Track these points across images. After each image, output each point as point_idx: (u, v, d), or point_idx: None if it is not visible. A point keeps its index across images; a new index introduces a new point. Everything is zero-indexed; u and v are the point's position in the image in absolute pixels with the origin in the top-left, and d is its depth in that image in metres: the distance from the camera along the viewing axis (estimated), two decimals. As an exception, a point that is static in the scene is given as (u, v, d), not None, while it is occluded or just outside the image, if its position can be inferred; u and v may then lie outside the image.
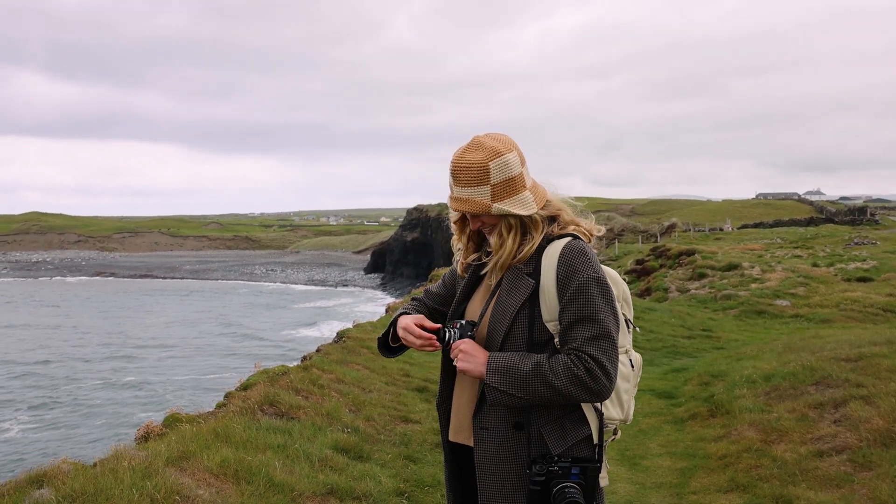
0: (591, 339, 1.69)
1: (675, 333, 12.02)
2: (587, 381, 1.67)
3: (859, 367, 5.83)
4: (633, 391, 1.93)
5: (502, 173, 1.76)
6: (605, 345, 1.70)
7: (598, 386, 1.68)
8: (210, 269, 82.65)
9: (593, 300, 1.71)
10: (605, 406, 1.82)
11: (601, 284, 1.74)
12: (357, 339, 8.23)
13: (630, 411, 1.92)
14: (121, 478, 3.30)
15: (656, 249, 23.51)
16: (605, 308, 1.72)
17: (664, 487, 4.61)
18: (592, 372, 1.67)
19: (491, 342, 1.82)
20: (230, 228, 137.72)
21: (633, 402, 1.93)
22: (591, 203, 2.14)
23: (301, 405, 5.12)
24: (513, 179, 1.77)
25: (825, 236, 30.86)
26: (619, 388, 1.86)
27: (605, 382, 1.68)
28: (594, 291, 1.72)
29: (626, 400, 1.89)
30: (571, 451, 1.76)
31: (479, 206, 1.77)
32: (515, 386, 1.70)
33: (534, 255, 1.80)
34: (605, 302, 1.73)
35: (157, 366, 28.29)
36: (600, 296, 1.72)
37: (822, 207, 59.15)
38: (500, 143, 1.79)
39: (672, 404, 6.80)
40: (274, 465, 3.84)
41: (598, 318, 1.70)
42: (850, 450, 4.40)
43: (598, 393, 1.69)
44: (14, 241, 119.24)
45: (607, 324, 1.71)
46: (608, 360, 1.69)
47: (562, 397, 1.69)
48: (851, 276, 17.40)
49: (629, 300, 1.99)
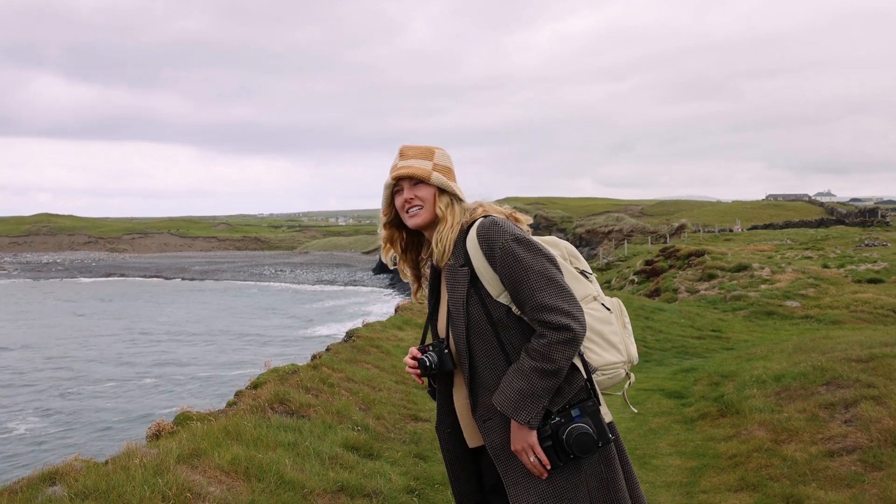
0: (536, 292, 1.79)
1: (685, 334, 11.98)
2: (556, 337, 1.76)
3: (870, 367, 5.79)
4: (623, 332, 2.00)
5: (443, 161, 2.01)
6: (552, 289, 1.79)
7: (573, 330, 1.77)
8: (219, 270, 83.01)
9: (520, 257, 1.81)
10: (594, 352, 1.90)
11: (521, 241, 1.84)
12: (366, 338, 8.26)
13: (631, 351, 1.99)
14: (132, 475, 3.33)
15: (666, 250, 23.43)
16: (535, 258, 1.82)
17: (674, 486, 4.61)
18: (557, 323, 1.76)
19: (458, 341, 1.92)
20: (239, 229, 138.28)
21: (631, 341, 2.00)
22: (600, 204, 2.25)
23: (311, 403, 5.14)
24: (449, 170, 2.02)
25: (835, 238, 30.65)
26: (603, 332, 1.93)
27: (574, 325, 1.77)
28: (517, 249, 1.82)
29: (617, 341, 1.95)
30: (573, 400, 1.85)
31: (421, 170, 1.96)
32: (535, 401, 1.78)
33: (461, 249, 1.91)
34: (532, 253, 1.82)
35: (168, 364, 28.45)
36: (526, 251, 1.83)
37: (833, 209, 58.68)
38: (432, 146, 2.04)
39: (682, 404, 6.78)
40: (284, 463, 3.87)
41: (532, 268, 1.80)
42: (860, 450, 4.38)
43: (577, 334, 1.78)
44: (24, 243, 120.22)
45: (543, 270, 1.80)
46: (563, 300, 1.79)
47: (565, 363, 1.78)
48: (862, 278, 17.29)
49: (577, 255, 2.09)
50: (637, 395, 7.24)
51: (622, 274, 24.13)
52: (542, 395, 1.78)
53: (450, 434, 2.02)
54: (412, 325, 9.80)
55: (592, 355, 1.91)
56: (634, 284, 21.43)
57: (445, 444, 2.04)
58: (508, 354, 1.86)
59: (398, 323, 9.85)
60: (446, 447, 2.04)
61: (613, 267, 28.44)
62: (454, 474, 2.04)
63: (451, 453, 2.03)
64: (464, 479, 2.02)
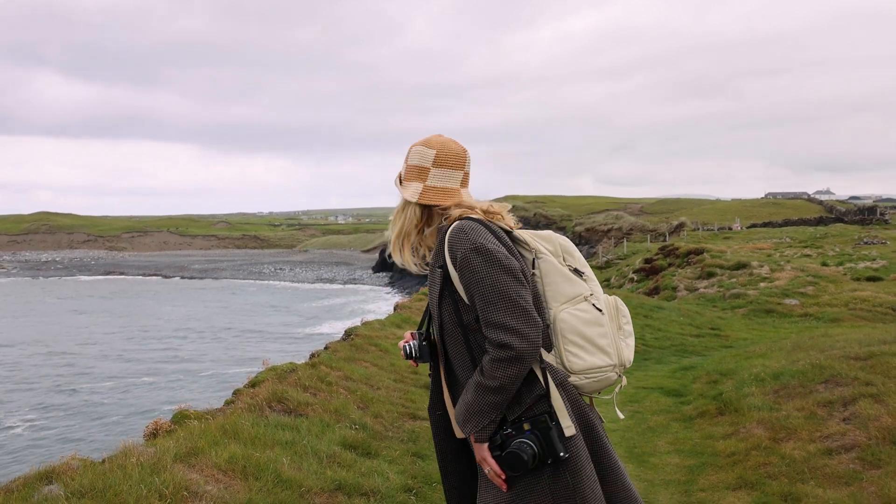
0: (485, 306, 1.77)
1: (684, 332, 11.99)
2: (499, 354, 1.73)
3: (869, 365, 5.79)
4: (617, 334, 1.92)
5: (413, 159, 1.99)
6: (501, 305, 1.75)
7: (514, 349, 1.72)
8: (219, 269, 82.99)
9: (476, 269, 1.78)
10: (576, 356, 1.86)
11: (480, 252, 1.79)
12: (365, 336, 8.25)
13: (624, 355, 1.91)
14: (129, 473, 3.32)
15: (665, 248, 23.43)
16: (490, 271, 1.78)
17: (672, 485, 4.60)
18: (499, 341, 1.73)
19: (436, 337, 1.96)
20: (238, 228, 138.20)
21: (623, 344, 1.92)
22: (600, 202, 2.22)
23: (309, 402, 5.14)
24: (416, 168, 1.98)
25: (835, 236, 30.67)
26: (588, 334, 1.87)
27: (517, 343, 1.72)
28: (475, 261, 1.79)
29: (606, 344, 1.88)
30: (529, 412, 1.81)
31: (398, 177, 2.04)
32: (481, 416, 1.79)
33: (440, 249, 1.91)
34: (488, 266, 1.78)
35: (165, 363, 28.45)
36: (483, 263, 1.78)
37: (832, 207, 58.69)
38: (435, 141, 2.00)
39: (680, 402, 6.78)
40: (282, 462, 3.86)
41: (484, 282, 1.77)
42: (859, 448, 4.38)
43: (523, 353, 1.73)
44: (24, 241, 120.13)
45: (495, 284, 1.77)
46: (511, 316, 1.74)
47: (508, 381, 1.74)
48: (861, 276, 17.30)
49: (572, 251, 2.01)
50: (636, 394, 7.24)
51: (621, 272, 24.13)
52: (486, 410, 1.78)
53: (440, 418, 2.03)
54: (411, 324, 9.79)
55: (574, 359, 1.86)
56: (634, 283, 21.43)
57: (436, 429, 2.05)
58: (475, 358, 1.87)
59: (397, 321, 9.84)
60: (437, 434, 2.05)
61: (613, 265, 28.44)
62: (443, 468, 2.05)
63: (441, 444, 2.03)
64: (452, 474, 2.02)
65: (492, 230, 1.89)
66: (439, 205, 1.97)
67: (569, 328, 1.87)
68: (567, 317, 1.88)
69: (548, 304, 1.90)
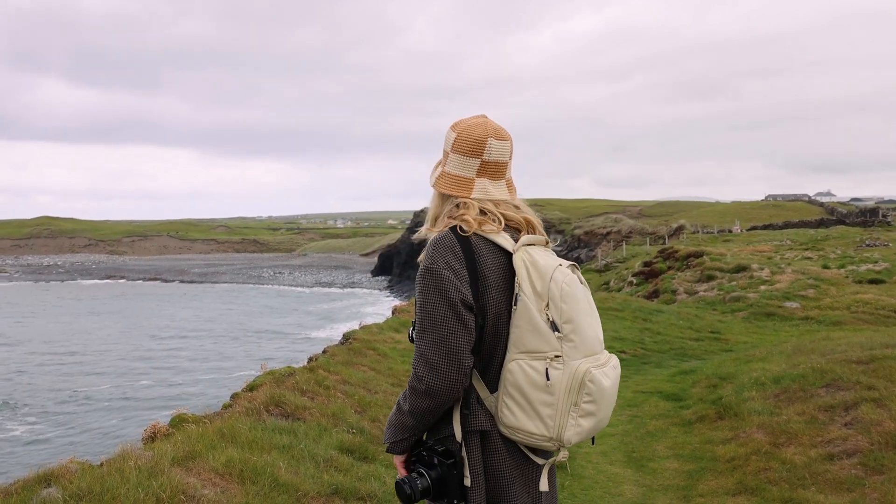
0: (421, 332, 1.69)
1: (683, 335, 11.96)
2: (414, 383, 1.67)
3: (871, 369, 5.76)
4: (561, 409, 1.65)
5: (444, 141, 1.86)
6: (430, 335, 1.66)
7: (427, 385, 1.64)
8: (218, 273, 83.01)
9: (421, 291, 1.70)
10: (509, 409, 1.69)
11: (430, 274, 1.68)
12: (363, 340, 8.23)
13: (564, 434, 1.66)
14: (127, 477, 3.31)
15: (664, 251, 23.42)
16: (434, 298, 1.67)
17: (671, 490, 4.58)
18: (417, 373, 1.66)
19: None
20: (238, 232, 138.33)
21: (571, 422, 1.66)
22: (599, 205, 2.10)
23: (307, 406, 5.12)
24: (443, 151, 1.86)
25: (836, 238, 30.63)
26: (531, 397, 1.66)
27: (433, 381, 1.64)
28: (423, 282, 1.69)
29: (547, 414, 1.65)
30: (444, 443, 1.76)
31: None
32: (396, 431, 1.76)
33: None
34: (433, 292, 1.67)
35: (165, 367, 28.42)
36: (430, 286, 1.67)
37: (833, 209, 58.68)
38: (463, 123, 1.84)
39: (680, 406, 6.75)
40: (279, 466, 3.84)
41: (426, 308, 1.68)
42: (861, 453, 4.35)
43: (433, 391, 1.65)
44: (26, 245, 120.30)
45: (432, 312, 1.66)
46: (433, 350, 1.65)
47: (416, 411, 1.69)
48: (863, 279, 17.25)
49: (562, 299, 1.67)
50: (635, 398, 7.21)
51: (621, 275, 24.10)
52: (398, 428, 1.76)
53: None
54: (409, 328, 9.78)
55: (507, 413, 1.69)
56: (633, 286, 21.40)
57: None
58: None
59: (395, 325, 9.82)
60: None
61: (612, 268, 28.42)
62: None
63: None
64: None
65: (474, 251, 1.70)
66: (450, 194, 1.81)
67: (512, 381, 1.68)
68: (515, 368, 1.68)
69: (508, 346, 1.71)
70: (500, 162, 1.81)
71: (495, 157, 1.80)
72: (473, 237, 1.73)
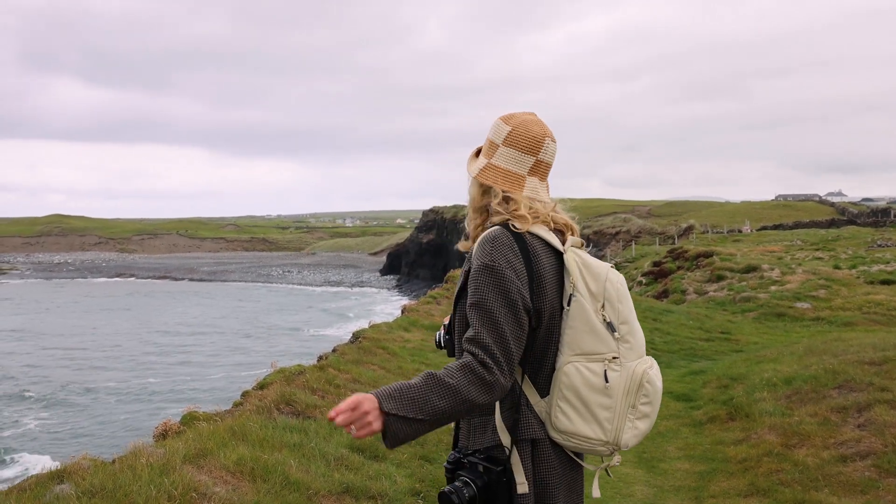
0: (475, 325, 1.60)
1: (693, 336, 11.90)
2: (482, 372, 1.55)
3: (884, 370, 5.72)
4: (619, 411, 1.64)
5: (491, 132, 1.81)
6: (489, 333, 1.59)
7: (493, 377, 1.55)
8: (227, 271, 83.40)
9: (479, 288, 1.62)
10: (565, 414, 1.65)
11: (491, 273, 1.62)
12: (373, 339, 8.24)
13: (622, 438, 1.65)
14: (139, 474, 3.33)
15: (674, 251, 23.31)
16: (489, 294, 1.61)
17: (683, 491, 4.56)
18: (485, 363, 1.56)
19: (455, 332, 1.82)
20: (247, 230, 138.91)
21: (629, 425, 1.65)
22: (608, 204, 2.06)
23: (317, 404, 5.13)
24: (489, 143, 1.81)
25: (847, 238, 30.38)
26: (588, 400, 1.64)
27: (497, 373, 1.56)
28: (481, 279, 1.63)
29: (605, 417, 1.63)
30: (489, 452, 1.68)
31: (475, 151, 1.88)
32: (413, 405, 1.55)
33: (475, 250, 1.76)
34: (493, 290, 1.61)
35: (175, 364, 28.60)
36: (488, 284, 1.62)
37: (844, 209, 58.20)
38: (518, 118, 1.79)
39: (690, 407, 6.72)
40: (290, 464, 3.86)
41: (483, 306, 1.61)
42: (874, 455, 4.32)
43: (493, 385, 1.56)
44: (37, 243, 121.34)
45: (491, 311, 1.60)
46: (496, 345, 1.58)
47: (460, 398, 1.55)
48: (875, 279, 17.09)
49: (617, 298, 1.69)
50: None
51: (630, 275, 24.02)
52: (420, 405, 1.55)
53: None
54: (418, 327, 9.77)
55: (562, 417, 1.65)
56: (642, 286, 21.33)
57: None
58: None
59: (404, 324, 9.83)
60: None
61: (621, 268, 28.32)
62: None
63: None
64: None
65: (530, 250, 1.67)
66: (498, 188, 1.74)
67: (568, 384, 1.64)
68: (572, 371, 1.65)
69: (561, 349, 1.68)
70: (550, 164, 1.80)
71: (549, 157, 1.78)
72: (527, 235, 1.70)
